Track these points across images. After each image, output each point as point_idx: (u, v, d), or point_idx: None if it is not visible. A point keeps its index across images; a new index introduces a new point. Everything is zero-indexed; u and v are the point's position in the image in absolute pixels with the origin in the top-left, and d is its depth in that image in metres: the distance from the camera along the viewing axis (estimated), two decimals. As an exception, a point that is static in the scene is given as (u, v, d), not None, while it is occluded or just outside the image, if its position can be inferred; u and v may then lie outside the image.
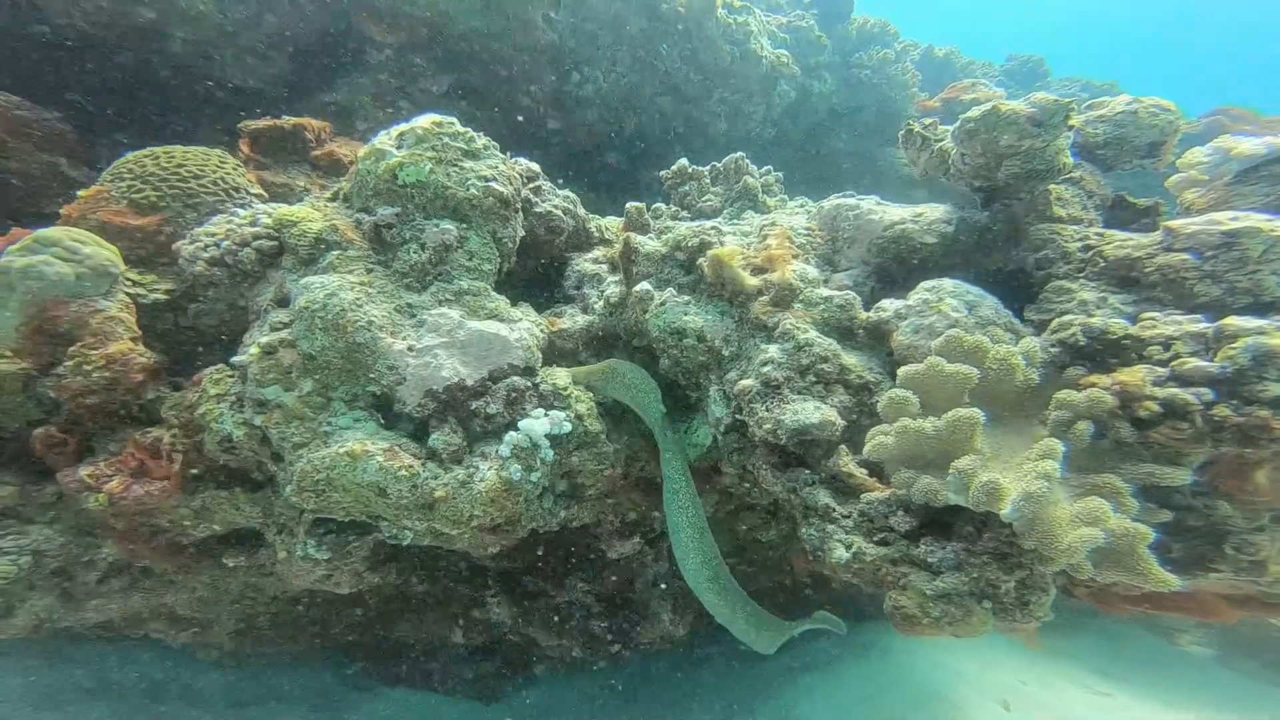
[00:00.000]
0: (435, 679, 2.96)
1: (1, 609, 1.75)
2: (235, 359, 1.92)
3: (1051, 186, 2.01)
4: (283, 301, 2.02)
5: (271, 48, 3.98)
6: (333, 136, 3.24)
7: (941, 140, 2.12)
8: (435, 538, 2.05)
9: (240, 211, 2.29)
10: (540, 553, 2.65)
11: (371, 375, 1.90)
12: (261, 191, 2.62)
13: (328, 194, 2.41)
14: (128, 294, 2.05)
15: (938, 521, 1.67)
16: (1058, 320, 1.69)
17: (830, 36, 5.75)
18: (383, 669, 2.94)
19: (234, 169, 2.59)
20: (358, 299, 1.92)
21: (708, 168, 2.94)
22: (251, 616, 2.58)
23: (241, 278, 2.13)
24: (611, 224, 2.94)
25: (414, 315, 2.01)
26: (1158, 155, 2.17)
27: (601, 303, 2.39)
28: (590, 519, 2.37)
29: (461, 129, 2.32)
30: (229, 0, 3.69)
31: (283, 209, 2.20)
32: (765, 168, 2.96)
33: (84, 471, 1.77)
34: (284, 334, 1.88)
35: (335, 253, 2.05)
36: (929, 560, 1.58)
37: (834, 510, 1.78)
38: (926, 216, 2.06)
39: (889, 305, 1.86)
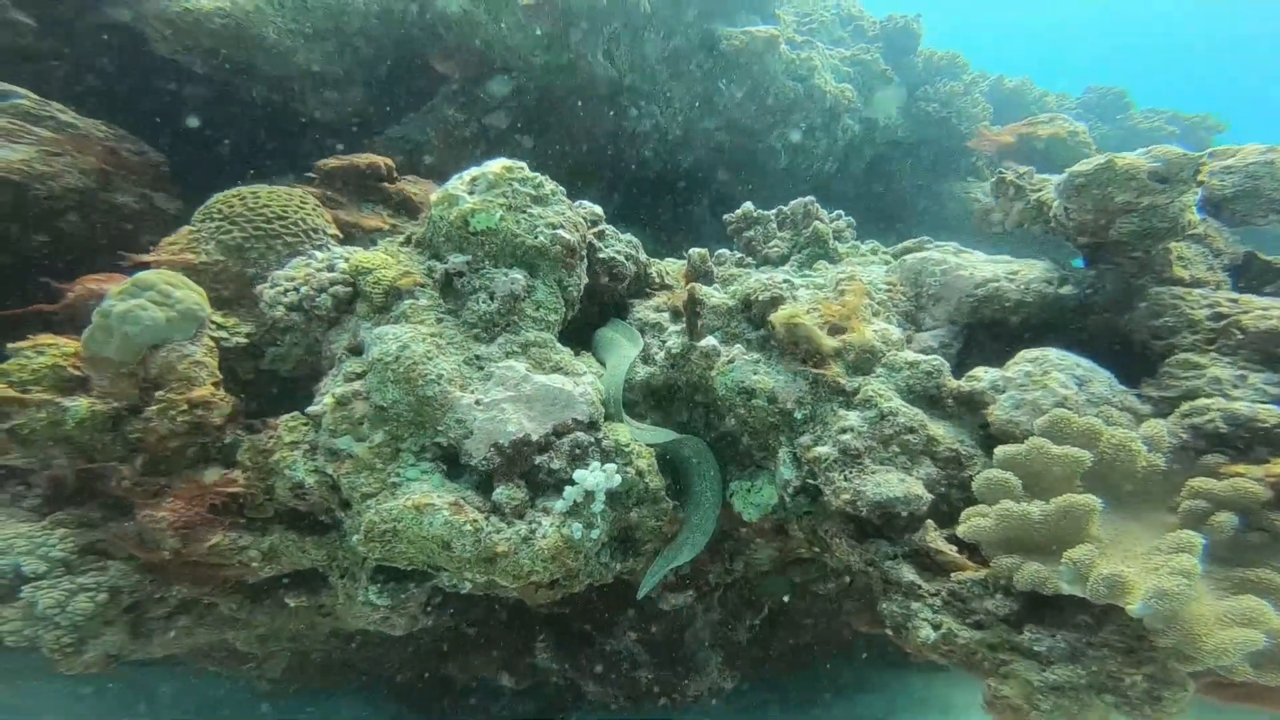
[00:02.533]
0: (478, 718, 2.94)
1: (75, 644, 1.80)
2: (310, 409, 1.94)
3: (1172, 244, 1.84)
4: (356, 350, 2.04)
5: (348, 83, 4.16)
6: (399, 174, 3.32)
7: (1039, 191, 1.99)
8: (493, 588, 2.02)
9: (317, 254, 2.34)
10: (591, 599, 2.61)
11: (440, 428, 1.90)
12: (337, 232, 2.70)
13: (401, 238, 2.45)
14: (212, 338, 2.11)
15: (1041, 605, 1.54)
16: (1189, 405, 1.52)
17: (896, 70, 5.64)
18: (427, 706, 2.92)
19: (313, 209, 2.67)
20: (429, 351, 1.92)
21: (774, 212, 2.86)
22: (305, 652, 2.60)
23: (317, 322, 2.17)
24: (671, 268, 2.90)
25: (482, 368, 2.00)
26: (1302, 209, 1.96)
27: (663, 354, 2.34)
28: (644, 570, 2.32)
29: (530, 174, 2.33)
30: (314, 37, 3.87)
31: (359, 255, 2.24)
32: (836, 212, 2.87)
33: (158, 511, 1.82)
34: (357, 385, 1.90)
35: (408, 301, 2.06)
36: (1035, 649, 1.47)
37: (920, 587, 1.68)
38: (1023, 275, 1.92)
39: (984, 375, 1.73)
